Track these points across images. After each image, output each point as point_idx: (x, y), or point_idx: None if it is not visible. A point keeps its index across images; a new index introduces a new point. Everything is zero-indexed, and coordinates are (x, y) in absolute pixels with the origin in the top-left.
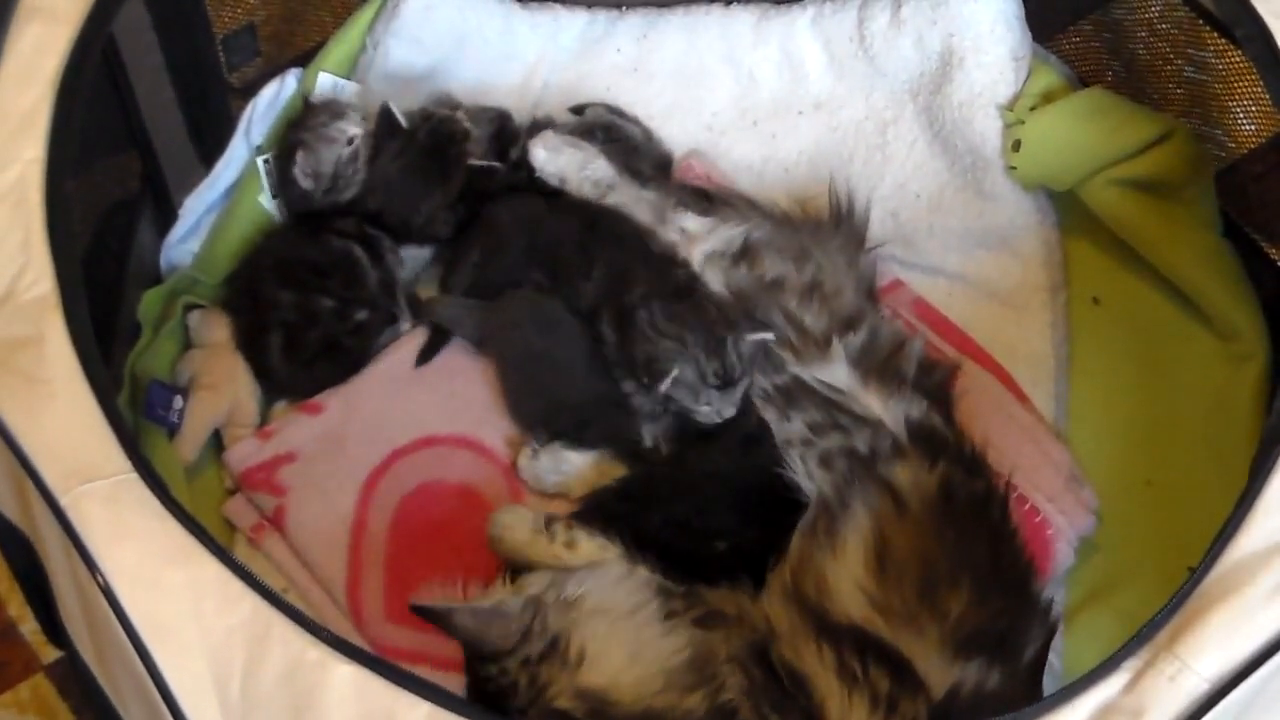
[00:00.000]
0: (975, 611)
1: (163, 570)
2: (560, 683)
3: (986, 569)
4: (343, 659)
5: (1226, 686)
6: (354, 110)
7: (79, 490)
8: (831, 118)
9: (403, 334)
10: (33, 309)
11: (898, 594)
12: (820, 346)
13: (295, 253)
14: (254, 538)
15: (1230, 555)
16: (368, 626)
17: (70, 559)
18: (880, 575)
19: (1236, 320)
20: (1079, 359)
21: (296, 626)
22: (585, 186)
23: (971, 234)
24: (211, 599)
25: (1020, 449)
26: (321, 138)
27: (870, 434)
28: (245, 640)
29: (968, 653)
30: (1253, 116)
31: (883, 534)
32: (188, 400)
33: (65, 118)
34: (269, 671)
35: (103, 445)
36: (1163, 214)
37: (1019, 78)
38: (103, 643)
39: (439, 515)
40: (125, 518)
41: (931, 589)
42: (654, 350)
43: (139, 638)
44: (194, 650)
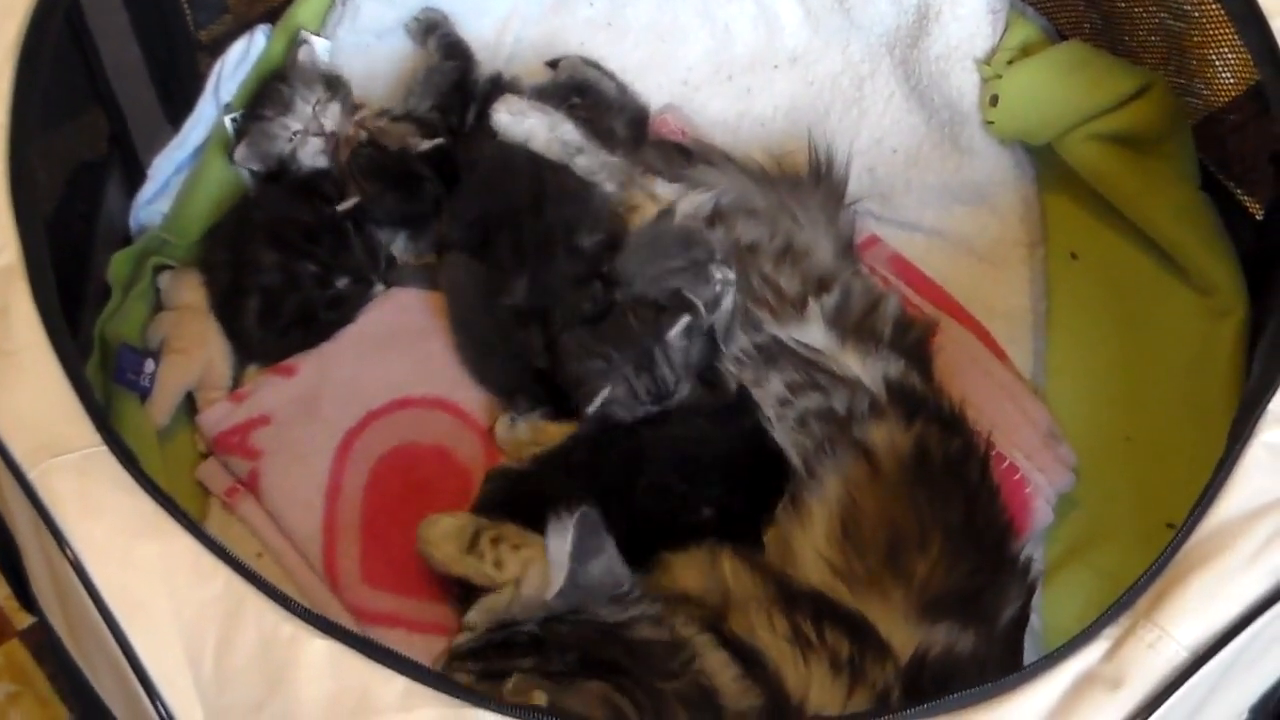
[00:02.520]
0: (944, 573)
1: (134, 544)
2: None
3: (960, 528)
4: (317, 633)
5: (1206, 654)
6: (308, 95)
7: (48, 464)
8: (807, 72)
9: (377, 295)
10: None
11: (860, 560)
12: (797, 307)
13: (286, 212)
14: (228, 501)
15: (1209, 521)
16: (344, 590)
17: (39, 533)
18: (843, 543)
19: (1215, 275)
20: (1057, 314)
21: (270, 601)
22: (552, 148)
23: (949, 189)
24: (183, 573)
25: (998, 406)
26: (265, 134)
27: (848, 393)
28: (218, 615)
29: (935, 615)
30: (1231, 66)
31: (851, 501)
32: (159, 364)
33: (28, 83)
34: (242, 647)
35: (71, 418)
36: (1141, 168)
37: (996, 31)
38: (74, 617)
39: (415, 478)
40: (95, 491)
41: (897, 553)
42: (581, 371)
43: (110, 613)
44: (166, 626)
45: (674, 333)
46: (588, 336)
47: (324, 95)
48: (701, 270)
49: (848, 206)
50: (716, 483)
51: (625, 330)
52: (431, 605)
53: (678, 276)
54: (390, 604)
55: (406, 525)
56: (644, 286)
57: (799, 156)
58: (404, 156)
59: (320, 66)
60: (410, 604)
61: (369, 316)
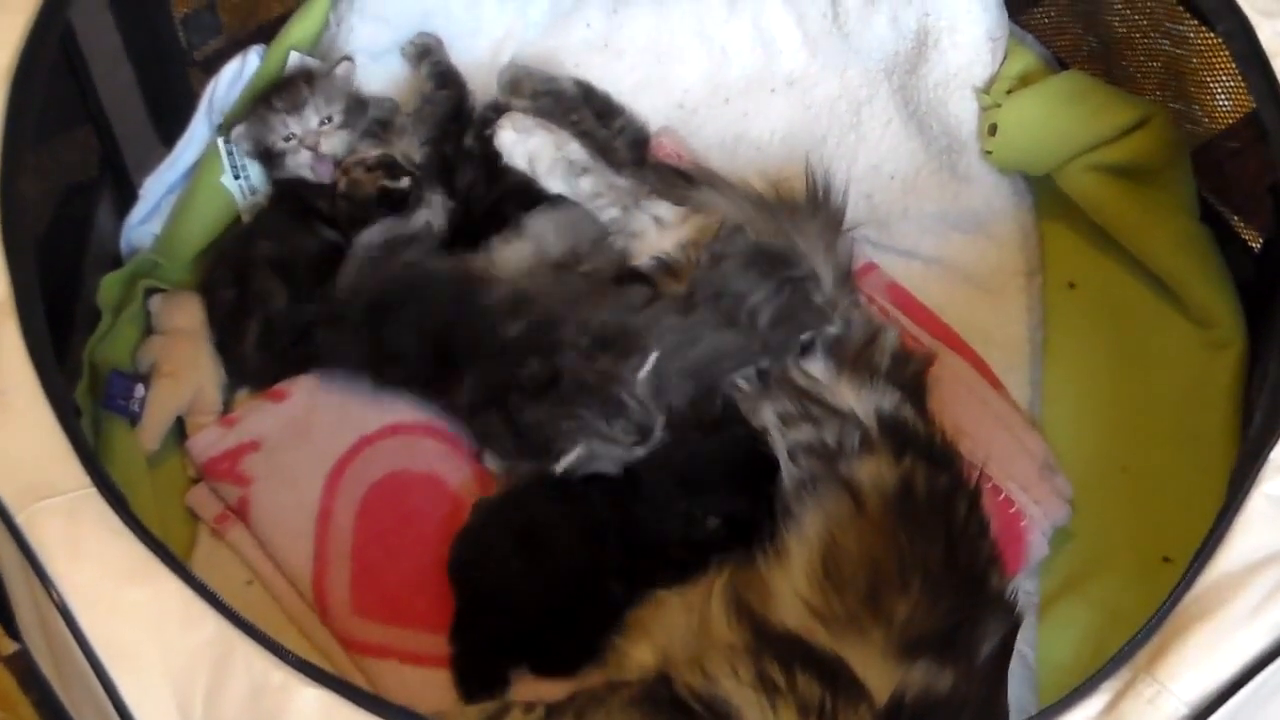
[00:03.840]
0: (924, 614)
1: (122, 590)
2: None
3: (939, 568)
4: (308, 682)
5: (1205, 710)
6: (323, 109)
7: (35, 507)
8: (805, 96)
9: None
10: None
11: (840, 601)
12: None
13: (292, 244)
14: (217, 528)
15: (1209, 573)
16: (334, 620)
17: (27, 575)
18: (823, 583)
19: (1213, 307)
20: (1054, 344)
21: (260, 648)
22: (558, 169)
23: (947, 217)
24: (173, 619)
25: (994, 437)
26: (264, 122)
27: (839, 427)
28: (208, 662)
29: (914, 654)
30: (1229, 92)
31: (832, 540)
32: (149, 388)
33: (19, 113)
34: (232, 695)
35: (60, 459)
36: (1140, 199)
37: (995, 59)
38: (62, 661)
39: (406, 506)
40: (83, 535)
41: (877, 593)
42: (551, 433)
43: (98, 660)
44: (155, 672)
45: (643, 372)
46: (550, 408)
47: (339, 118)
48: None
49: (845, 233)
50: (718, 488)
51: (585, 389)
52: (423, 635)
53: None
54: (381, 635)
55: (397, 554)
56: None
57: (796, 183)
58: (368, 206)
59: (352, 90)
60: (401, 634)
61: None
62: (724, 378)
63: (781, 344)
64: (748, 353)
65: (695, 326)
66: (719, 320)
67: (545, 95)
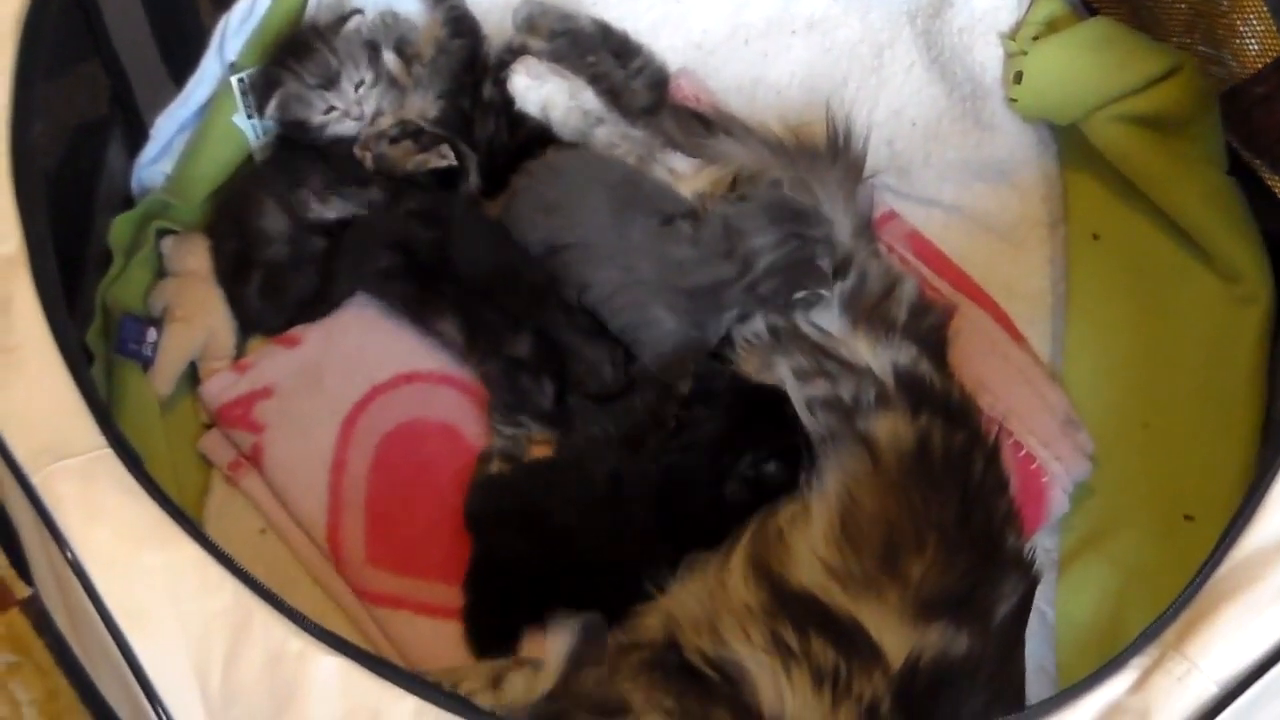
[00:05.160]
0: (939, 574)
1: (139, 553)
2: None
3: (955, 526)
4: (327, 650)
5: (1235, 690)
6: (354, 75)
7: (51, 468)
8: (825, 38)
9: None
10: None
11: (857, 561)
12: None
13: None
14: (231, 475)
15: (1239, 551)
16: (348, 569)
17: (42, 536)
18: (841, 543)
19: (1240, 262)
20: (1077, 297)
21: (279, 615)
22: (572, 118)
23: (969, 165)
24: (190, 584)
25: (1015, 392)
26: (301, 98)
27: (855, 382)
28: (225, 629)
29: (930, 615)
30: (1259, 35)
31: (850, 498)
32: (161, 332)
33: (30, 60)
34: (250, 662)
35: (75, 419)
36: (1168, 151)
37: (1021, 4)
38: (77, 620)
39: (420, 455)
40: (99, 497)
41: (893, 553)
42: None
43: (115, 624)
44: (172, 637)
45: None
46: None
47: (369, 77)
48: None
49: (865, 181)
50: (744, 449)
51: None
52: (436, 586)
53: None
54: (394, 585)
55: (412, 505)
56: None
57: (816, 127)
58: (414, 180)
59: (365, 41)
60: (415, 585)
61: None
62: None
63: (772, 294)
64: (740, 292)
65: (702, 247)
66: (723, 251)
67: (562, 35)
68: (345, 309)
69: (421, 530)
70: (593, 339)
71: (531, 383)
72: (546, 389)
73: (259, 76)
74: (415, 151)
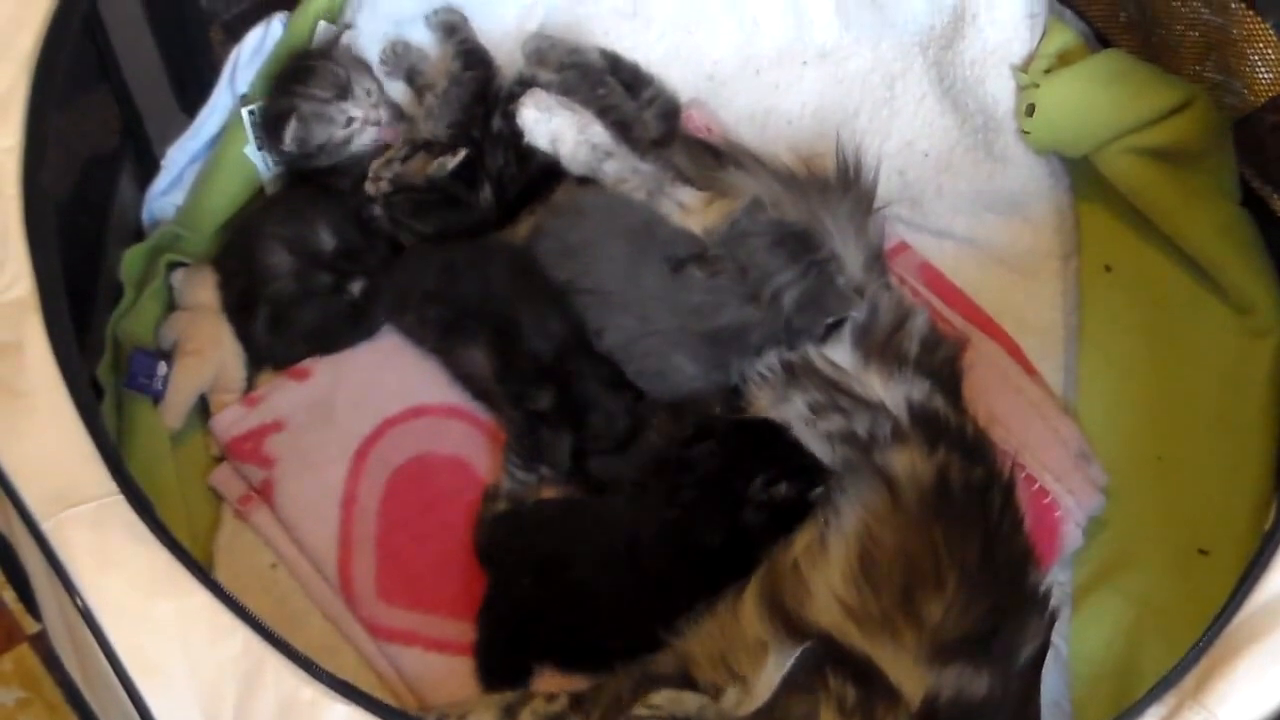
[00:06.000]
0: (959, 615)
1: (150, 601)
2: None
3: (977, 565)
4: (338, 698)
5: None
6: (363, 81)
7: (62, 515)
8: (837, 68)
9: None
10: (11, 312)
11: (875, 600)
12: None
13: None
14: (241, 510)
15: (1255, 598)
16: (359, 605)
17: (53, 582)
18: (860, 582)
19: (1253, 294)
20: (1089, 329)
21: (290, 663)
22: (581, 152)
23: (981, 197)
24: (201, 631)
25: (1028, 426)
26: (320, 116)
27: (870, 418)
28: (236, 676)
29: (947, 657)
30: (1270, 64)
31: (869, 535)
32: (172, 366)
33: (43, 101)
34: (261, 710)
35: (87, 464)
36: (1180, 183)
37: (1034, 36)
38: (87, 665)
39: (431, 489)
40: (111, 544)
41: (912, 592)
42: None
43: (126, 673)
44: (183, 686)
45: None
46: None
47: (374, 86)
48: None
49: (877, 211)
50: (775, 455)
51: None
52: (448, 621)
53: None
54: (406, 620)
55: (423, 539)
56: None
57: (827, 159)
58: (436, 183)
59: (360, 57)
60: (427, 620)
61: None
62: (744, 354)
63: (807, 327)
64: (772, 330)
65: (719, 291)
66: (744, 293)
67: (571, 68)
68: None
69: (432, 565)
70: (613, 389)
71: (551, 436)
72: (564, 444)
73: (268, 112)
74: (430, 159)
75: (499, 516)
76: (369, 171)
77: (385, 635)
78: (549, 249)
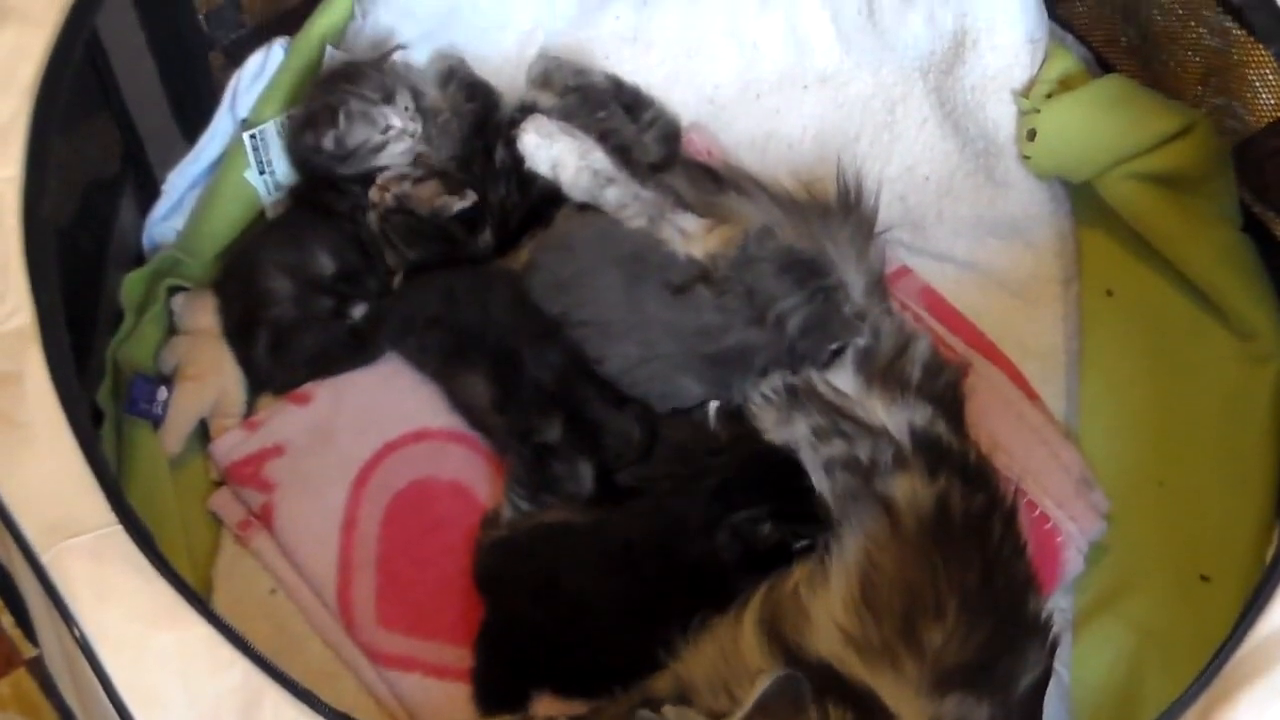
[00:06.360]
0: (959, 644)
1: (149, 634)
2: None
3: (976, 593)
4: None
5: None
6: (405, 95)
7: (61, 546)
8: (838, 93)
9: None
10: (11, 342)
11: (876, 629)
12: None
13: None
14: (241, 535)
15: (1257, 632)
16: (359, 631)
17: (51, 613)
18: (861, 610)
19: (1255, 319)
20: (1091, 354)
21: (290, 695)
22: (582, 178)
23: (982, 221)
24: (200, 663)
25: (1030, 451)
26: (366, 116)
27: (872, 443)
28: (235, 708)
29: (947, 687)
30: (1271, 87)
31: (870, 563)
32: (172, 390)
33: (44, 130)
34: None
35: (86, 496)
36: (1182, 208)
37: (1035, 61)
38: (85, 696)
39: (431, 514)
40: (110, 576)
41: (912, 621)
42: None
43: (124, 705)
44: (182, 718)
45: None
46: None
47: (412, 103)
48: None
49: (878, 236)
50: (761, 492)
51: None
52: (448, 648)
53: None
54: (406, 646)
55: (423, 565)
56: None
57: (828, 183)
58: (437, 220)
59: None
60: (426, 646)
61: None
62: (748, 375)
63: (810, 352)
64: (777, 354)
65: (726, 312)
66: (750, 316)
67: (574, 91)
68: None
69: (433, 591)
70: (618, 407)
71: (565, 469)
72: (583, 473)
73: (310, 108)
74: (441, 192)
75: (495, 541)
76: (377, 178)
77: (385, 661)
78: (541, 283)
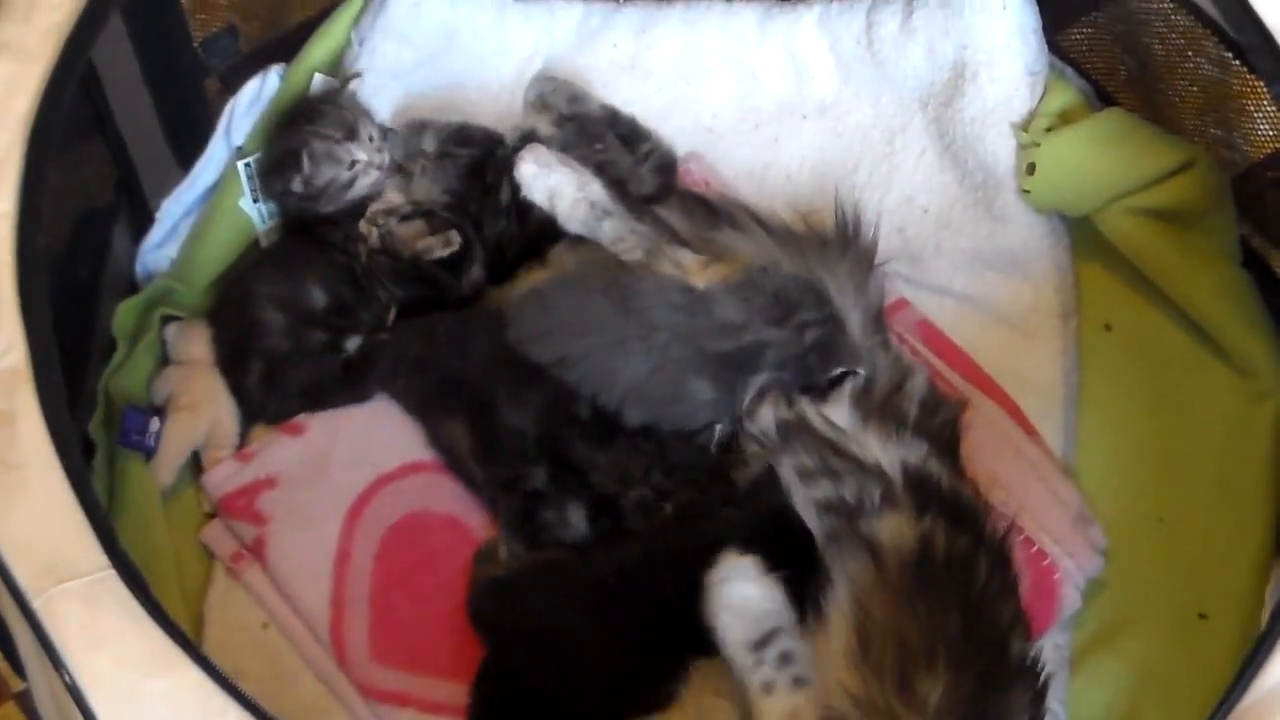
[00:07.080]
0: (952, 694)
1: (141, 680)
2: None
3: (959, 638)
4: None
5: None
6: (368, 125)
7: (53, 591)
8: (837, 123)
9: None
10: (3, 382)
11: (879, 688)
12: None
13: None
14: (233, 568)
15: (1259, 685)
16: (352, 666)
17: (41, 657)
18: (861, 665)
19: (1254, 356)
20: (1089, 388)
21: None
22: (579, 210)
23: (981, 254)
24: (192, 710)
25: (1028, 487)
26: (330, 155)
27: (859, 482)
28: None
29: None
30: (1270, 119)
31: (862, 608)
32: (164, 421)
33: (38, 165)
34: None
35: (78, 539)
36: (1181, 244)
37: (1034, 94)
38: None
39: (426, 547)
40: (102, 621)
41: (907, 675)
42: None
43: None
44: None
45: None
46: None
47: (376, 132)
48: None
49: (877, 269)
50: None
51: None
52: (442, 684)
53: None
54: (399, 682)
55: (417, 599)
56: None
57: (826, 214)
58: (419, 264)
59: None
60: (420, 682)
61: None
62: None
63: (816, 366)
64: (789, 354)
65: (750, 310)
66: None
67: (570, 120)
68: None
69: (427, 626)
70: (605, 443)
71: (555, 516)
72: (573, 517)
73: (275, 150)
74: (425, 233)
75: (489, 580)
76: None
77: (378, 696)
78: (525, 337)
